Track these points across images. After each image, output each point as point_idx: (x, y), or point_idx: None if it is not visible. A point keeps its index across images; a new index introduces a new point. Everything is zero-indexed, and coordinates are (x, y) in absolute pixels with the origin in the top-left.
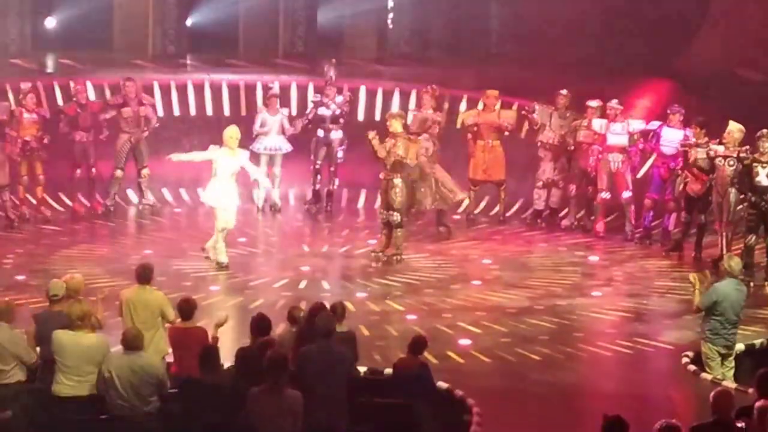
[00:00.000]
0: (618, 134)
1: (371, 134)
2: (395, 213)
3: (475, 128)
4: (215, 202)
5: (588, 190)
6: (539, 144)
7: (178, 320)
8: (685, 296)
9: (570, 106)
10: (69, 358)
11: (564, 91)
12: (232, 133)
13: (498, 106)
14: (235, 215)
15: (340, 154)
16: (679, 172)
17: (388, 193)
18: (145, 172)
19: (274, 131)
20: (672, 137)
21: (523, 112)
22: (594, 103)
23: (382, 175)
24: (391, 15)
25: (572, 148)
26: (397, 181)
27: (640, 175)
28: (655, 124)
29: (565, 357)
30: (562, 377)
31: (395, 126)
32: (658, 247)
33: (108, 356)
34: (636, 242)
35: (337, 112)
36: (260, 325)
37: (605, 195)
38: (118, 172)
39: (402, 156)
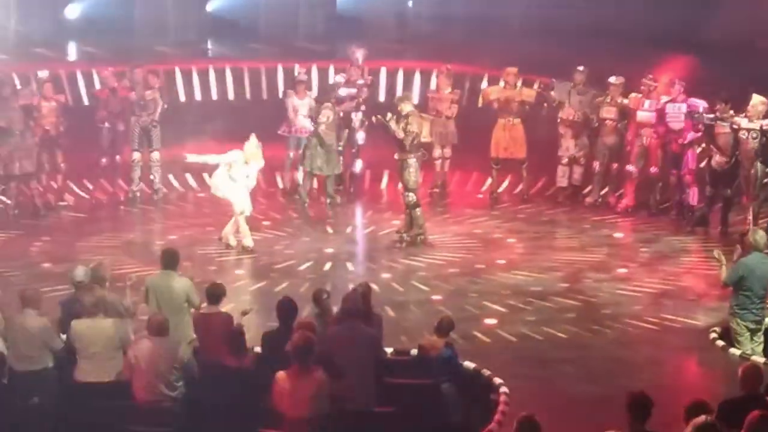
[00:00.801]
0: (648, 111)
1: (388, 116)
2: (410, 193)
3: (496, 105)
4: (222, 192)
5: (612, 167)
6: (559, 121)
7: (204, 305)
8: (711, 272)
9: (588, 82)
10: (88, 345)
11: (581, 68)
12: (255, 150)
13: (519, 84)
14: (248, 199)
15: (361, 135)
16: (703, 145)
17: (401, 174)
18: (154, 155)
19: (302, 114)
20: (676, 111)
21: (540, 89)
22: (615, 80)
23: (396, 156)
24: None
25: (596, 125)
26: (411, 161)
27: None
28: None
29: (591, 335)
30: (588, 355)
31: (406, 107)
32: (684, 222)
33: (134, 342)
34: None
35: (354, 92)
36: (286, 309)
37: (631, 168)
38: (135, 155)
39: (417, 133)
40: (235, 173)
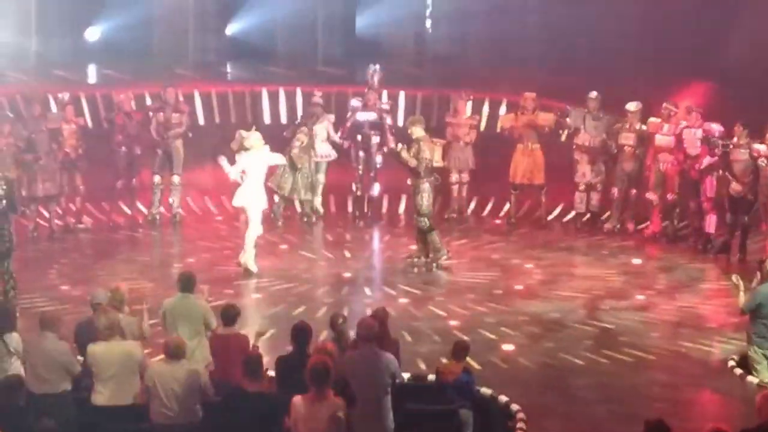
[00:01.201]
0: (666, 135)
1: (398, 146)
2: (423, 218)
3: (515, 132)
4: (242, 202)
5: (631, 193)
6: (575, 147)
7: (220, 328)
8: (729, 299)
9: (602, 107)
10: (104, 368)
11: (593, 94)
12: (257, 136)
13: (536, 109)
14: (260, 217)
15: (378, 159)
16: (720, 172)
17: (414, 198)
18: (174, 179)
19: (320, 139)
20: (693, 136)
21: (556, 116)
22: (633, 107)
23: (409, 182)
24: (429, 20)
25: (615, 151)
26: (424, 185)
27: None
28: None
29: (609, 362)
30: (606, 382)
31: (417, 132)
32: (702, 249)
33: (151, 365)
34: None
35: (374, 117)
36: (301, 332)
37: (651, 196)
38: (156, 178)
39: (429, 159)
40: (253, 171)
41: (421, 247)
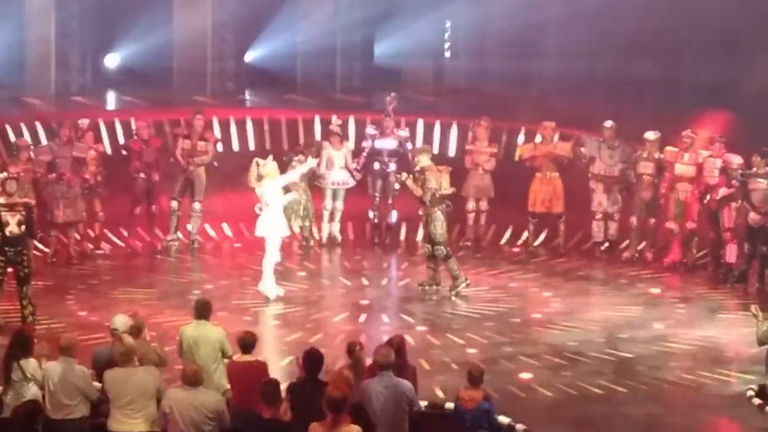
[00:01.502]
0: (687, 164)
1: (403, 176)
2: (440, 246)
3: (533, 161)
4: (263, 231)
5: (650, 222)
6: (590, 176)
7: (237, 355)
8: (748, 329)
9: (617, 136)
10: (119, 394)
11: (608, 123)
12: (273, 165)
13: (556, 138)
14: (278, 245)
15: (396, 186)
16: (739, 202)
17: (428, 227)
18: (195, 206)
19: (338, 166)
20: (711, 166)
21: (572, 145)
22: (651, 136)
23: (421, 211)
24: (447, 48)
25: (633, 180)
26: (437, 214)
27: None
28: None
29: (627, 391)
30: (624, 412)
31: (423, 160)
32: (721, 279)
33: (168, 392)
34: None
35: (393, 145)
36: (312, 359)
37: (670, 225)
38: (173, 204)
39: (436, 188)
40: (271, 199)
41: (432, 275)
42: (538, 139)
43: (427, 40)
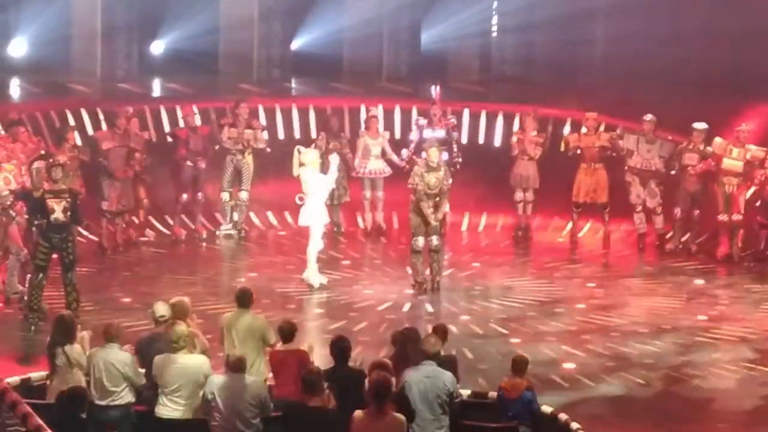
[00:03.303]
0: (735, 159)
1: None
2: (440, 237)
3: (578, 151)
4: (307, 221)
5: (694, 214)
6: (626, 169)
7: (279, 344)
8: None
9: (657, 129)
10: (169, 380)
11: (648, 117)
12: (314, 154)
13: (602, 128)
14: (321, 233)
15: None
16: None
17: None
18: (242, 195)
19: (374, 155)
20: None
21: (611, 138)
22: (700, 126)
23: (430, 204)
24: (494, 37)
25: (674, 172)
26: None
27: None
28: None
29: (670, 381)
30: (666, 401)
31: (433, 154)
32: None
33: (211, 379)
34: (747, 266)
35: (442, 134)
36: (341, 347)
37: (721, 217)
38: (224, 196)
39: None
40: (312, 188)
41: (421, 269)
42: (583, 130)
43: (474, 28)
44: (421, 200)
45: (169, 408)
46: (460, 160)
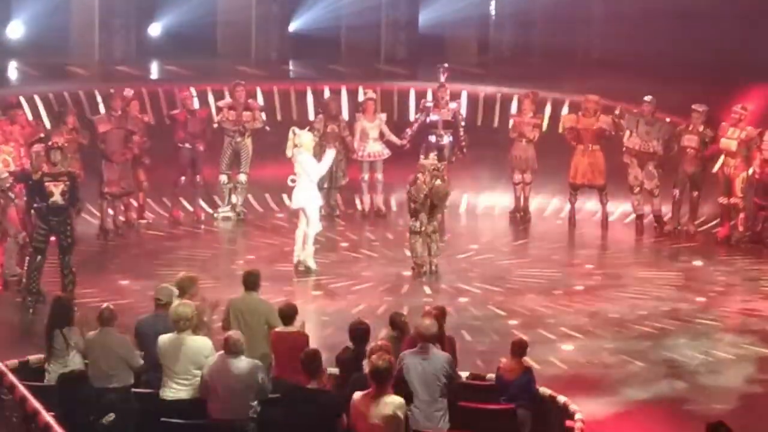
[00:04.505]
0: (730, 138)
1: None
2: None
3: (576, 133)
4: (300, 203)
5: (693, 195)
6: (624, 150)
7: (280, 326)
8: None
9: (657, 111)
10: (173, 362)
11: (648, 98)
12: (309, 136)
13: (598, 112)
14: (318, 215)
15: (452, 158)
16: None
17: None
18: (241, 177)
19: (371, 138)
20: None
21: (614, 117)
22: (698, 107)
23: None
24: (492, 19)
25: (672, 153)
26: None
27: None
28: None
29: (669, 363)
30: (665, 383)
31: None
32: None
33: (208, 360)
34: (742, 246)
35: (450, 117)
36: (361, 331)
37: (721, 199)
38: (223, 178)
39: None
40: (305, 171)
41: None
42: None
43: (472, 10)
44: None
45: (174, 389)
46: (464, 144)
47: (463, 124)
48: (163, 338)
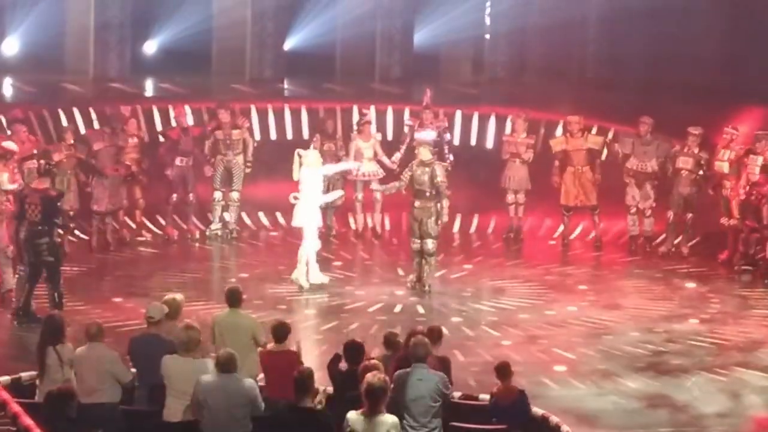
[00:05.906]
0: (721, 160)
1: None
2: (433, 241)
3: (565, 155)
4: (301, 221)
5: (687, 217)
6: (624, 171)
7: (270, 344)
8: None
9: (653, 132)
10: (177, 383)
11: (645, 119)
12: (315, 155)
13: (594, 131)
14: (316, 234)
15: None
16: None
17: (421, 221)
18: (233, 195)
19: (366, 157)
20: (754, 163)
21: (607, 141)
22: (694, 129)
23: (417, 203)
24: (487, 39)
25: (669, 174)
26: (434, 208)
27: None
28: None
29: (662, 384)
30: (658, 405)
31: (424, 153)
32: (759, 274)
33: (200, 379)
34: (737, 269)
35: (434, 135)
36: (355, 350)
37: (723, 221)
38: (216, 195)
39: (443, 181)
40: (308, 188)
41: (419, 270)
42: (558, 132)
43: (467, 30)
44: (433, 200)
45: (180, 411)
46: (451, 158)
47: (448, 139)
48: (167, 359)
